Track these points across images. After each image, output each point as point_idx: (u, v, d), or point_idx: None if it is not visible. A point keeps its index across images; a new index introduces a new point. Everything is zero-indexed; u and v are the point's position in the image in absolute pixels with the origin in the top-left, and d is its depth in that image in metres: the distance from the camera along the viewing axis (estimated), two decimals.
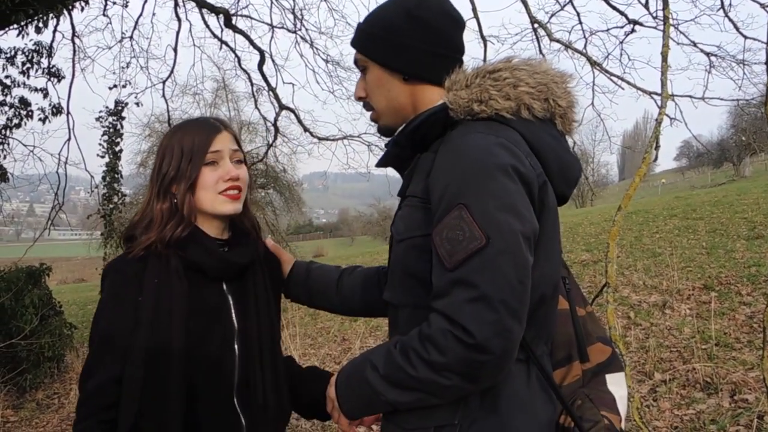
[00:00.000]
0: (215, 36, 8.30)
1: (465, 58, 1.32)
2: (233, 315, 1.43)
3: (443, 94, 1.22)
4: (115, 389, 1.32)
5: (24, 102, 6.74)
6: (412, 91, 1.27)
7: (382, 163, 1.33)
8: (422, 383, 1.06)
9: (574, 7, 5.74)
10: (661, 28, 2.27)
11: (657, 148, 2.17)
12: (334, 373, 1.31)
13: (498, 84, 1.17)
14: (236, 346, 1.42)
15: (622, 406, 1.21)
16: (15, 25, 6.12)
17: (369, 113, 1.35)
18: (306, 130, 8.70)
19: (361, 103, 1.36)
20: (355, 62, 1.34)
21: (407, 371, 1.07)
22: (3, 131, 6.74)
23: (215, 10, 7.66)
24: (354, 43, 1.32)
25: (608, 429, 1.15)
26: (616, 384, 1.24)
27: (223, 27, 7.97)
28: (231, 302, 1.44)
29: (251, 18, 8.27)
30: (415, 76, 1.25)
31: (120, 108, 6.76)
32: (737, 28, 4.57)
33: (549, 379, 1.15)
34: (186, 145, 1.41)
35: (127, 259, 1.40)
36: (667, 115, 4.64)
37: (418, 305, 1.14)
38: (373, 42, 1.27)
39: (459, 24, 1.31)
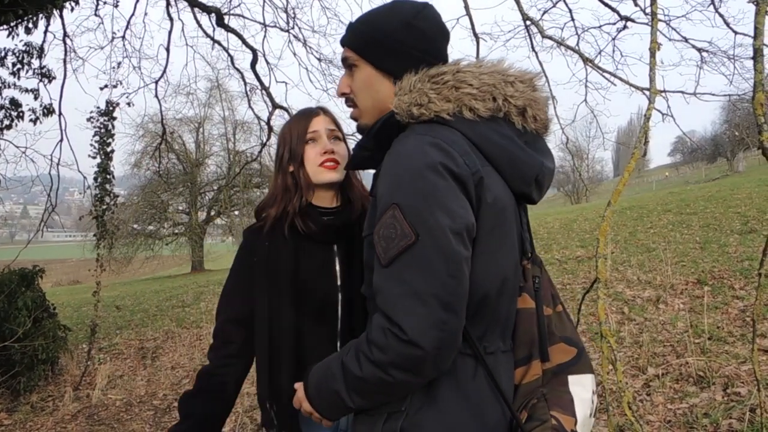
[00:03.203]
0: (208, 35, 8.30)
1: (459, 55, 1.37)
2: (337, 271, 1.70)
3: None
4: (233, 327, 1.71)
5: (15, 103, 6.71)
6: None
7: (352, 166, 1.40)
8: (371, 384, 1.11)
9: (566, 4, 5.75)
10: None
11: (646, 143, 2.17)
12: None
13: (438, 87, 1.21)
14: (339, 298, 1.68)
15: (581, 408, 1.21)
16: (4, 26, 6.08)
17: (350, 110, 1.40)
18: None
19: (344, 99, 1.39)
20: (344, 60, 1.36)
21: (357, 374, 1.12)
22: None
23: (207, 9, 7.65)
24: (346, 42, 1.35)
25: (555, 429, 1.15)
26: (580, 385, 1.24)
27: (216, 26, 7.97)
28: (337, 261, 1.71)
29: (243, 17, 8.28)
30: None
31: (111, 108, 6.72)
32: (727, 24, 4.58)
33: (492, 377, 1.17)
34: (293, 130, 1.73)
35: (253, 229, 1.75)
36: (659, 111, 4.66)
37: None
38: (368, 43, 1.31)
39: (447, 37, 1.36)
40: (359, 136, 1.38)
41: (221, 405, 1.72)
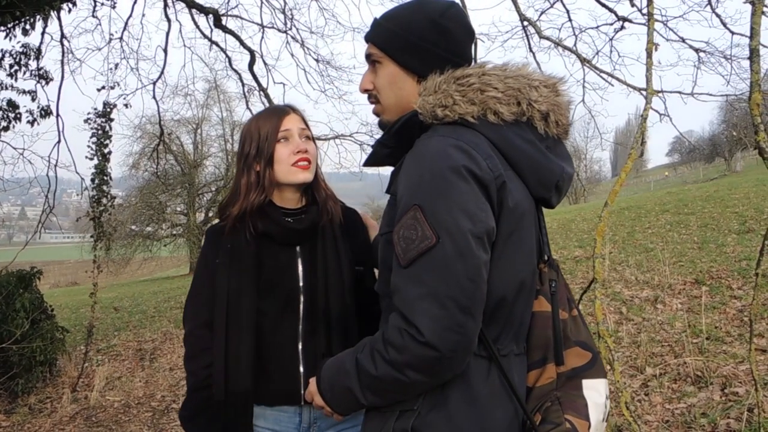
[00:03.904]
0: (205, 36, 8.30)
1: None
2: (300, 273, 1.69)
3: None
4: (205, 332, 1.67)
5: (12, 104, 6.69)
6: None
7: (370, 162, 1.38)
8: (386, 383, 1.12)
9: (564, 5, 5.77)
10: None
11: (643, 143, 2.17)
12: None
13: (463, 89, 1.20)
14: (301, 300, 1.68)
15: (595, 412, 1.20)
16: (2, 27, 6.07)
17: (372, 106, 1.39)
18: None
19: (366, 95, 1.39)
20: (368, 56, 1.36)
21: (371, 373, 1.13)
22: None
23: (205, 10, 7.65)
24: (371, 38, 1.35)
25: None
26: (593, 390, 1.23)
27: (213, 27, 7.97)
28: (300, 262, 1.70)
29: (241, 18, 8.29)
30: None
31: (108, 110, 6.71)
32: (724, 24, 4.60)
33: (506, 377, 1.17)
34: (262, 127, 1.69)
35: (215, 228, 1.74)
36: (657, 111, 4.67)
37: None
38: (394, 40, 1.30)
39: (472, 37, 1.36)
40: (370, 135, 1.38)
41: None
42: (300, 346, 1.67)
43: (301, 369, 1.66)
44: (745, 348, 4.08)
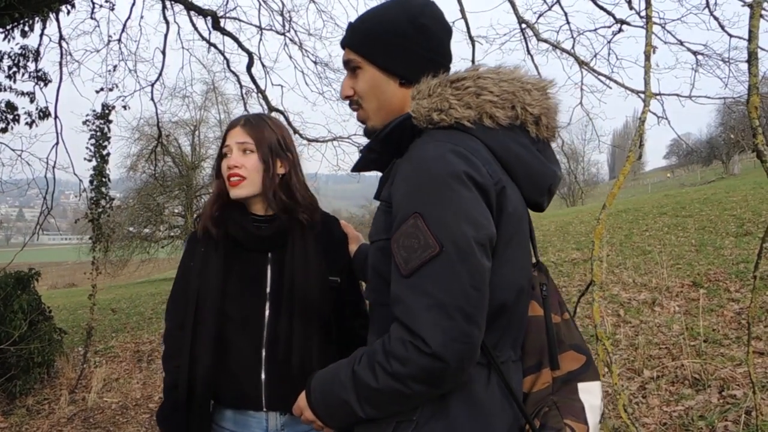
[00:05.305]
0: (203, 38, 8.29)
1: (454, 58, 1.33)
2: (268, 280, 1.70)
3: None
4: (179, 333, 1.71)
5: (10, 106, 6.68)
6: (404, 96, 1.27)
7: (358, 168, 1.33)
8: (387, 395, 1.08)
9: (562, 7, 5.78)
10: None
11: (641, 146, 2.18)
12: None
13: (459, 93, 1.18)
14: (267, 307, 1.69)
15: (592, 415, 1.20)
16: (0, 29, 6.07)
17: (356, 113, 1.34)
18: (296, 132, 8.68)
19: (347, 102, 1.35)
20: (346, 62, 1.31)
21: (371, 385, 1.09)
22: None
23: (203, 12, 7.65)
24: (348, 43, 1.30)
25: None
26: (589, 393, 1.23)
27: (212, 29, 7.96)
28: (269, 269, 1.71)
29: (239, 20, 8.28)
30: (411, 82, 1.25)
31: (107, 111, 6.70)
32: (723, 27, 4.60)
33: (507, 385, 1.15)
34: (221, 140, 1.77)
35: (193, 234, 1.78)
36: (654, 114, 4.68)
37: (385, 303, 1.15)
38: (372, 44, 1.27)
39: (450, 33, 1.33)
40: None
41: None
42: (263, 353, 1.67)
43: (263, 375, 1.67)
44: (743, 351, 4.08)
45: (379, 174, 1.32)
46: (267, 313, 1.69)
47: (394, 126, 1.22)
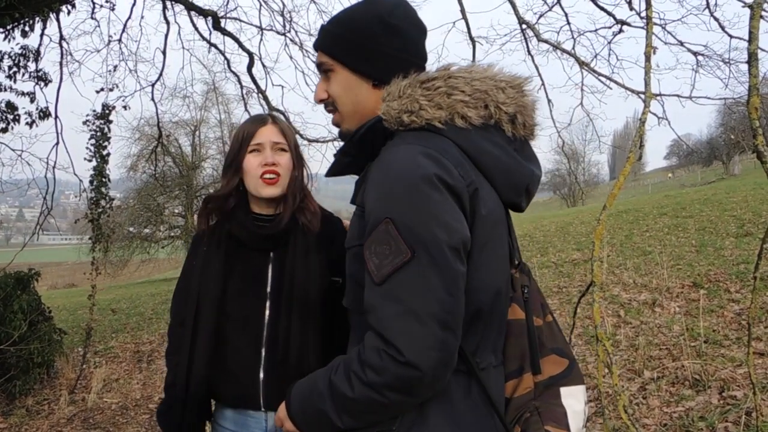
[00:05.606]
0: (204, 39, 8.29)
1: (455, 59, 1.34)
2: (269, 279, 1.70)
3: None
4: (180, 330, 1.72)
5: (11, 106, 6.69)
6: (378, 97, 1.24)
7: (333, 172, 1.31)
8: (363, 404, 1.06)
9: (562, 8, 5.78)
10: None
11: (641, 147, 2.17)
12: None
13: (429, 93, 1.15)
14: (267, 306, 1.68)
15: (574, 420, 1.18)
16: (1, 29, 6.07)
17: (332, 116, 1.33)
18: (296, 132, 8.68)
19: (323, 105, 1.33)
20: (319, 65, 1.30)
21: (347, 395, 1.07)
22: None
23: (204, 12, 7.65)
24: (320, 46, 1.29)
25: None
26: (572, 397, 1.20)
27: (212, 29, 7.96)
28: (270, 268, 1.71)
29: (240, 20, 8.28)
30: (385, 83, 1.23)
31: (107, 111, 6.71)
32: (723, 28, 4.60)
33: (485, 392, 1.13)
34: (239, 136, 1.72)
35: (200, 231, 1.78)
36: (655, 114, 4.68)
37: (362, 311, 1.12)
38: (344, 46, 1.25)
39: (424, 32, 1.30)
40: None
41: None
42: (263, 353, 1.67)
43: (261, 375, 1.67)
44: (743, 351, 4.08)
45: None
46: (267, 312, 1.69)
47: (366, 129, 1.20)
